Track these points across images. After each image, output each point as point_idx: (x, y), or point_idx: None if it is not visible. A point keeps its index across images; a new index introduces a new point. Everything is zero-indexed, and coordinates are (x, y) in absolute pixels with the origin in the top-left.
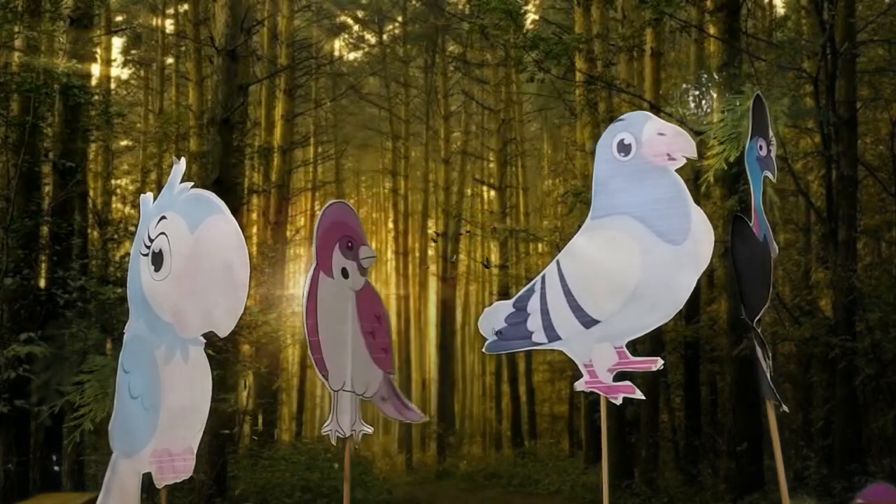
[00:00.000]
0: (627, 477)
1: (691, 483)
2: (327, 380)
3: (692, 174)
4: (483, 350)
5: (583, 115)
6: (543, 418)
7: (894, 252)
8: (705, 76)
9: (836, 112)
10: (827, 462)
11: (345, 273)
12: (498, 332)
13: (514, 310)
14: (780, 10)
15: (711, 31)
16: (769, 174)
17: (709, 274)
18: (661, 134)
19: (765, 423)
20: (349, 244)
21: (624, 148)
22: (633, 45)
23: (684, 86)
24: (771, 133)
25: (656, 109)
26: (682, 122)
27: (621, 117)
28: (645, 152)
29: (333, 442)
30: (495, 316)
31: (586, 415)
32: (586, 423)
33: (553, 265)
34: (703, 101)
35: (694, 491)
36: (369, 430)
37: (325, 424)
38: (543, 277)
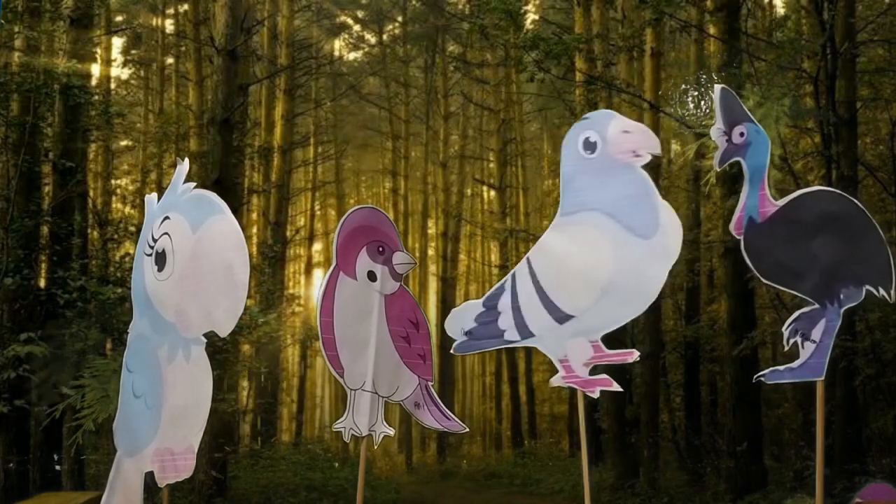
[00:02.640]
0: (627, 477)
1: (691, 483)
2: (343, 378)
3: (692, 174)
4: (452, 351)
5: (583, 115)
6: (543, 418)
7: (894, 252)
8: (705, 76)
9: (836, 112)
10: (827, 462)
11: (371, 276)
12: (468, 332)
13: (483, 309)
14: (780, 10)
15: (711, 31)
16: (740, 159)
17: (709, 274)
18: (626, 132)
19: (765, 422)
20: (380, 249)
21: (589, 146)
22: (633, 45)
23: (684, 86)
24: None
25: (656, 109)
26: (681, 122)
27: (586, 116)
28: (610, 150)
29: (346, 439)
30: (464, 316)
31: (586, 415)
32: (586, 423)
33: (523, 263)
34: (703, 102)
35: (694, 491)
36: (390, 431)
37: (339, 421)
38: (514, 275)
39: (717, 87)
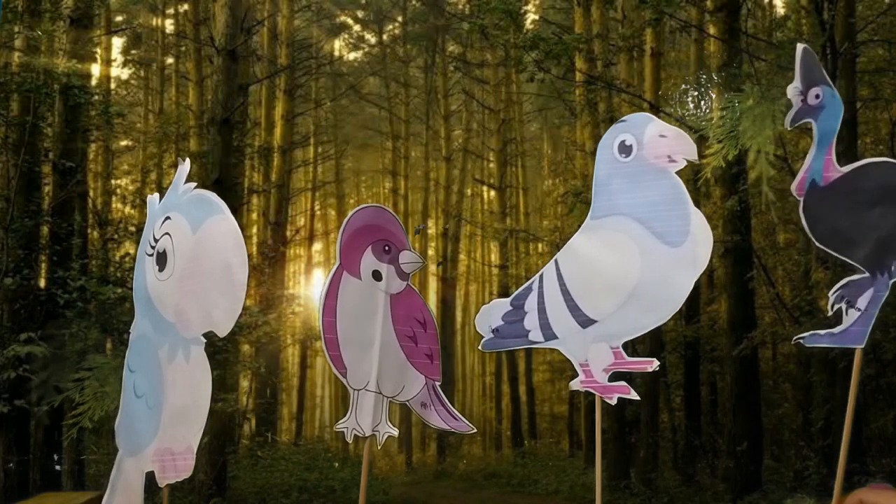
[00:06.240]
0: (627, 477)
1: (691, 483)
2: (346, 378)
3: (692, 174)
4: (479, 347)
5: (583, 115)
6: (543, 418)
7: None
8: (705, 76)
9: None
10: (827, 462)
11: (376, 276)
12: (495, 330)
13: (511, 308)
14: (780, 10)
15: (711, 31)
16: (811, 121)
17: (709, 274)
18: (663, 136)
19: (765, 422)
20: (386, 248)
21: (625, 149)
22: (633, 45)
23: (684, 86)
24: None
25: (656, 109)
26: (681, 122)
27: (623, 118)
28: (646, 154)
29: (349, 440)
30: (492, 313)
31: (586, 415)
32: (586, 423)
33: (551, 264)
34: (703, 101)
35: (694, 491)
36: (394, 431)
37: (342, 421)
38: (541, 276)
39: (799, 46)
